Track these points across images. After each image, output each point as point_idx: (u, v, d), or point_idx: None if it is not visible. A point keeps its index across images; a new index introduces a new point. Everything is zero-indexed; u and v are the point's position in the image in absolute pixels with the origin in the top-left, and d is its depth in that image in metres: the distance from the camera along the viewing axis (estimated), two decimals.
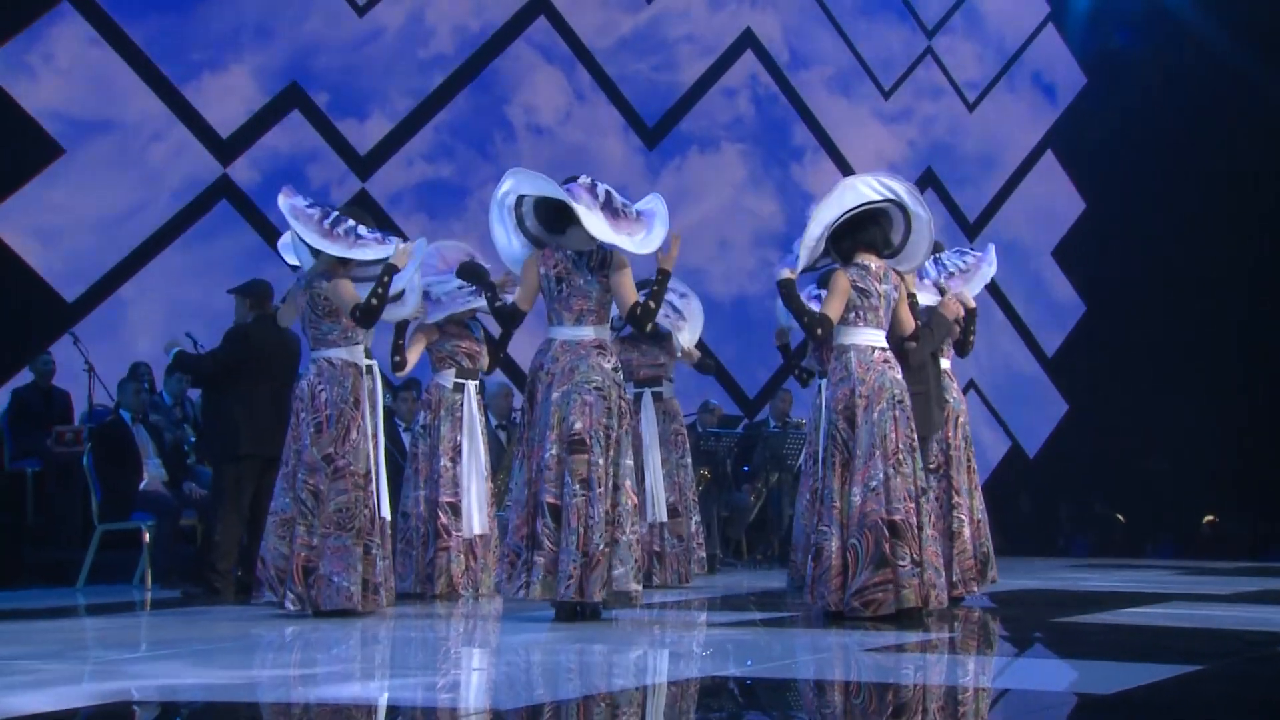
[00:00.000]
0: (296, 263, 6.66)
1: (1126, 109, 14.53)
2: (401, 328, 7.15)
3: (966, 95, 14.83)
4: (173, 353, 7.95)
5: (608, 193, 5.78)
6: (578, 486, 5.58)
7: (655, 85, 12.80)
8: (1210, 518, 8.47)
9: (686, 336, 8.22)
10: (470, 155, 11.86)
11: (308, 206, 6.19)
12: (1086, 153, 14.95)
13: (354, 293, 6.14)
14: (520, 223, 5.97)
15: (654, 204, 5.93)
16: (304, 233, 6.15)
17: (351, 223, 6.18)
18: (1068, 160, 15.09)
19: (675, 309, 8.18)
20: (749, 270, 13.12)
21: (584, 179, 5.82)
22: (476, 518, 7.13)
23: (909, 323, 6.04)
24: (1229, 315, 13.93)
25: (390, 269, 6.08)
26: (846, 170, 13.82)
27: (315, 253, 6.25)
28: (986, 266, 6.87)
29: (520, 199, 5.92)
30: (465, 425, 7.33)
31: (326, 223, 6.15)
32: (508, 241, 6.01)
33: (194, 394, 9.26)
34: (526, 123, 12.06)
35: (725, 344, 12.38)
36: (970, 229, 14.57)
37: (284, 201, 6.17)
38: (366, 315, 6.05)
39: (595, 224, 5.63)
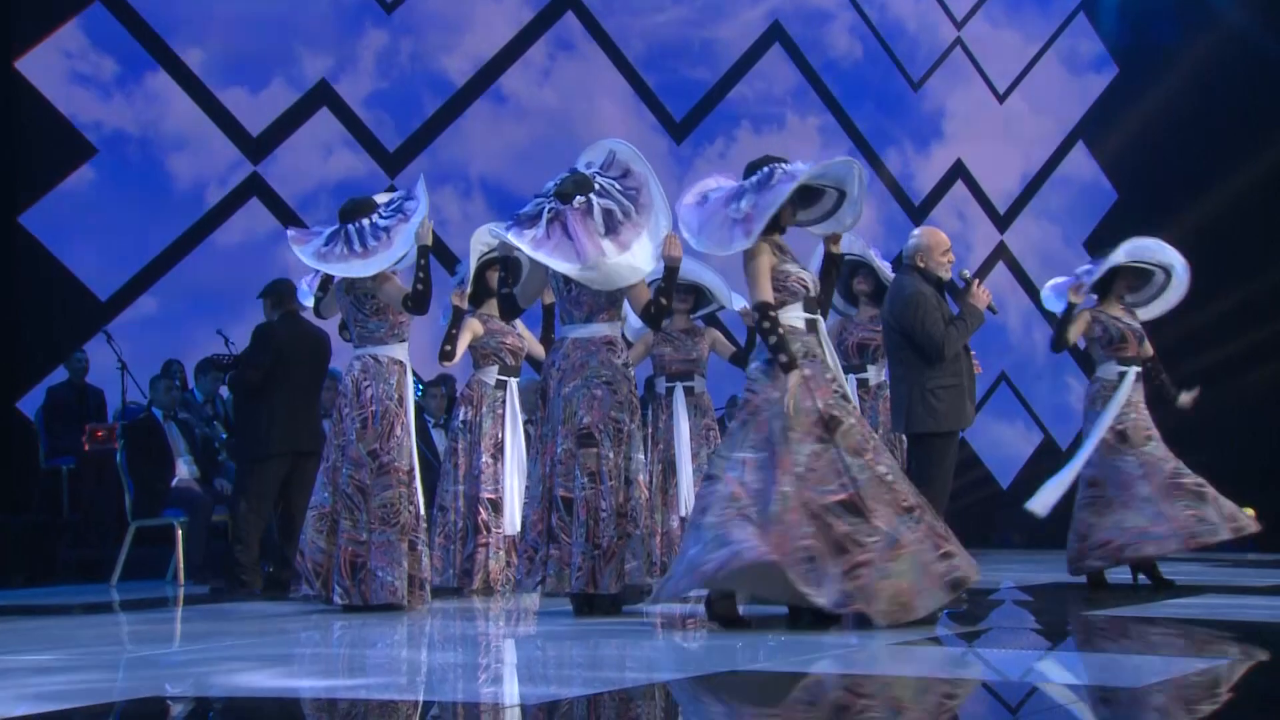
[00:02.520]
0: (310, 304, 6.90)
1: (1159, 99, 14.39)
2: (458, 317, 7.15)
3: (996, 86, 14.74)
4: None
5: (606, 212, 5.72)
6: (586, 480, 5.62)
7: (683, 79, 12.79)
8: (1250, 510, 8.43)
9: (722, 296, 8.04)
10: (498, 151, 11.87)
11: (323, 246, 6.22)
12: (1118, 143, 14.82)
13: (399, 285, 6.24)
14: None
15: (651, 193, 5.82)
16: (336, 269, 6.22)
17: (365, 223, 6.21)
18: (1099, 150, 14.98)
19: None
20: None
21: (579, 200, 5.74)
22: (518, 514, 7.15)
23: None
24: (1265, 306, 13.80)
25: (424, 250, 6.13)
26: (874, 162, 13.78)
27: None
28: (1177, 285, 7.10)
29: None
30: (508, 422, 7.35)
31: (355, 246, 6.18)
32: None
33: (225, 391, 9.33)
34: (551, 118, 12.07)
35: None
36: (1001, 220, 14.49)
37: (300, 251, 6.27)
38: (419, 302, 6.12)
39: (563, 266, 5.64)
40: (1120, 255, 7.03)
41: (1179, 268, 7.13)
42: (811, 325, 5.31)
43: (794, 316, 5.26)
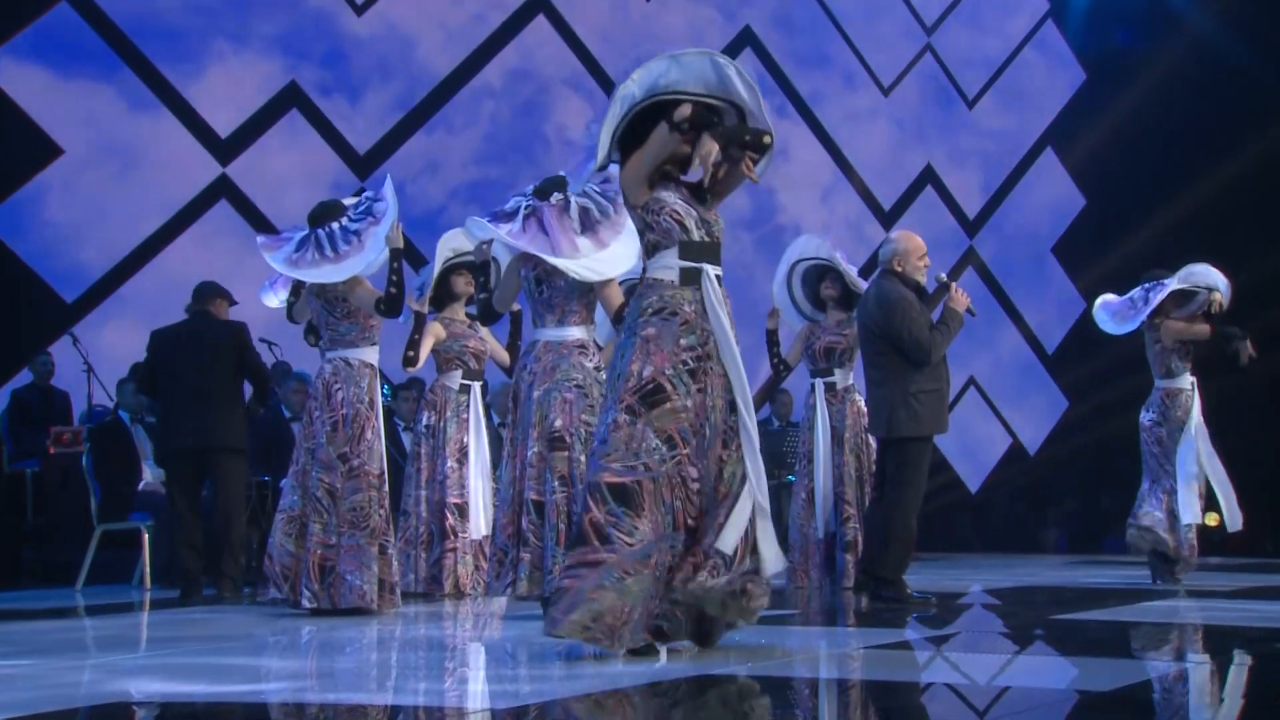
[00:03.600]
0: (278, 304, 6.83)
1: (1126, 105, 14.50)
2: (419, 322, 7.15)
3: (966, 92, 14.82)
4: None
5: (582, 209, 5.75)
6: (557, 483, 5.64)
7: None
8: (1214, 514, 8.54)
9: None
10: (469, 154, 11.85)
11: (294, 252, 6.20)
12: (1086, 149, 14.92)
13: (371, 288, 6.23)
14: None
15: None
16: (308, 276, 6.21)
17: (335, 226, 6.20)
18: (1068, 157, 15.08)
19: None
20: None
21: (557, 197, 5.81)
22: (483, 519, 7.14)
23: None
24: (1230, 312, 13.91)
25: (397, 254, 6.12)
26: (845, 167, 13.83)
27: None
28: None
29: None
30: (471, 426, 7.36)
31: (326, 251, 6.16)
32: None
33: None
34: (524, 122, 12.06)
35: None
36: (970, 226, 14.56)
37: (270, 258, 6.24)
38: (392, 305, 6.13)
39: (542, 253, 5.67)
40: (1176, 281, 7.83)
41: (1223, 287, 7.91)
42: (690, 276, 4.38)
43: (664, 265, 4.40)
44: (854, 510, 7.53)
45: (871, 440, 7.44)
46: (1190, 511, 7.66)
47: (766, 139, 4.38)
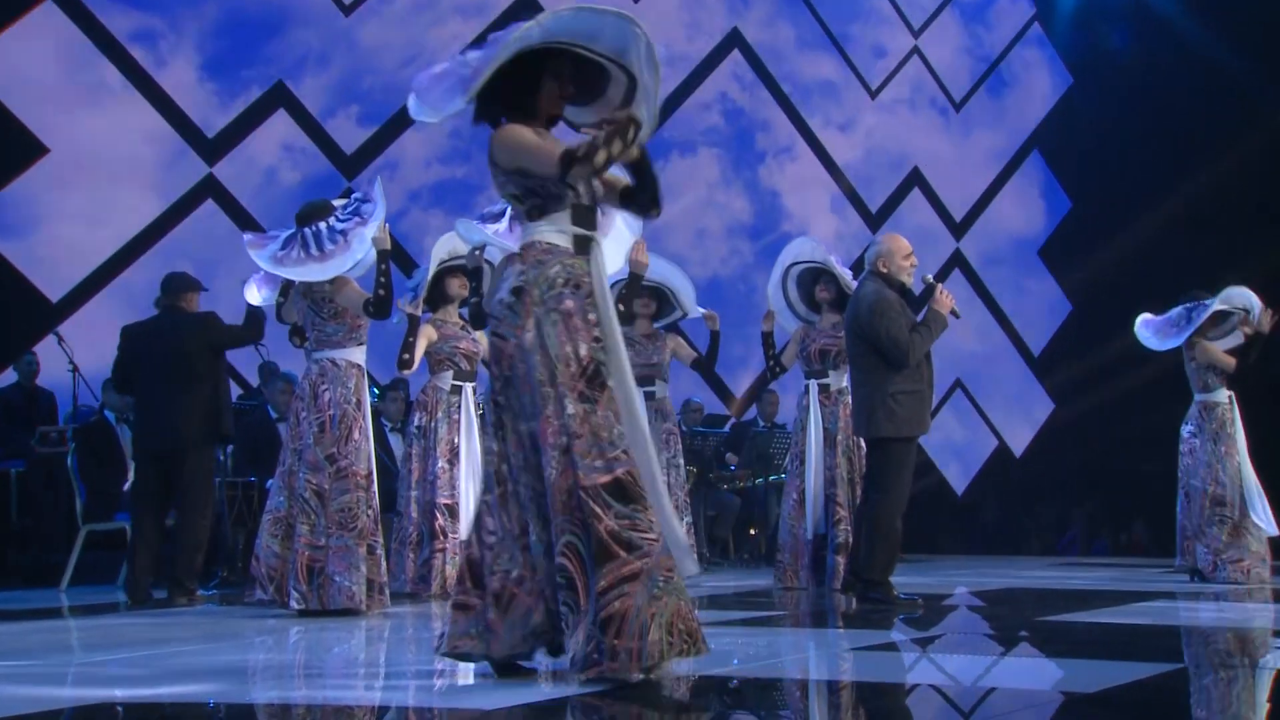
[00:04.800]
0: (260, 301, 6.80)
1: (1113, 108, 14.55)
2: (414, 324, 7.13)
3: (953, 94, 14.85)
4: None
5: None
6: None
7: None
8: None
9: (687, 302, 8.28)
10: (455, 154, 11.84)
11: (279, 250, 6.20)
12: (1073, 152, 14.98)
13: (359, 289, 6.23)
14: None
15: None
16: (293, 274, 6.20)
17: (322, 226, 6.20)
18: (1054, 159, 15.12)
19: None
20: (722, 256, 13.26)
21: None
22: None
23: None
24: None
25: (384, 255, 6.12)
26: (833, 169, 13.86)
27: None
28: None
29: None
30: (463, 427, 7.36)
31: (312, 250, 6.15)
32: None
33: None
34: None
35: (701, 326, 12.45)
36: (957, 228, 14.59)
37: (256, 255, 6.22)
38: (381, 307, 6.12)
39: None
40: (1217, 302, 8.26)
41: (1256, 309, 8.32)
42: (583, 245, 3.95)
43: (556, 229, 3.91)
44: (845, 512, 7.55)
45: (863, 442, 7.47)
46: (1268, 522, 8.24)
47: (634, 151, 3.95)
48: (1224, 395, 8.39)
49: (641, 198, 4.14)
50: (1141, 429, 13.74)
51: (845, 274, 7.79)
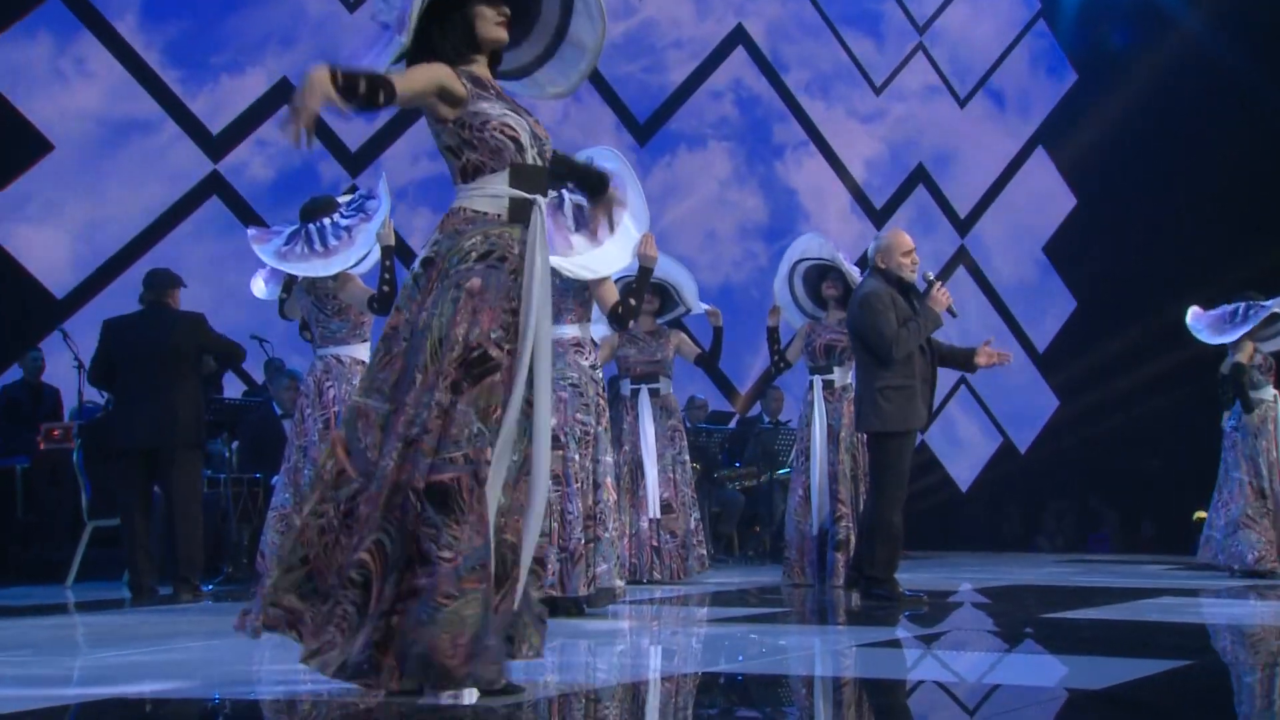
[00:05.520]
0: (264, 294, 6.79)
1: (1117, 105, 14.54)
2: None
3: (958, 91, 14.83)
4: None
5: (576, 206, 5.71)
6: (550, 483, 5.61)
7: (646, 85, 12.80)
8: (1201, 514, 8.66)
9: (690, 298, 8.24)
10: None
11: (283, 245, 6.20)
12: (1077, 149, 14.95)
13: (362, 285, 6.24)
14: None
15: (627, 192, 5.70)
16: (296, 269, 6.20)
17: (326, 222, 6.20)
18: (1059, 156, 15.10)
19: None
20: (734, 260, 13.17)
21: (550, 195, 5.77)
22: None
23: None
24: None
25: (388, 251, 6.12)
26: (838, 167, 13.85)
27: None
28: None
29: None
30: None
31: (316, 245, 6.15)
32: None
33: None
34: None
35: (727, 355, 12.42)
36: (961, 225, 14.58)
37: (260, 250, 6.23)
38: (385, 303, 6.11)
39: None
40: (1274, 304, 8.39)
41: None
42: (521, 210, 3.48)
43: (489, 193, 3.47)
44: (847, 509, 7.55)
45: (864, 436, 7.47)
46: None
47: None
48: (1269, 394, 8.55)
49: (585, 188, 4.01)
50: (1147, 425, 13.77)
51: (853, 271, 7.78)
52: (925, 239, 13.73)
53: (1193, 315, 8.83)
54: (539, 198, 3.48)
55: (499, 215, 3.44)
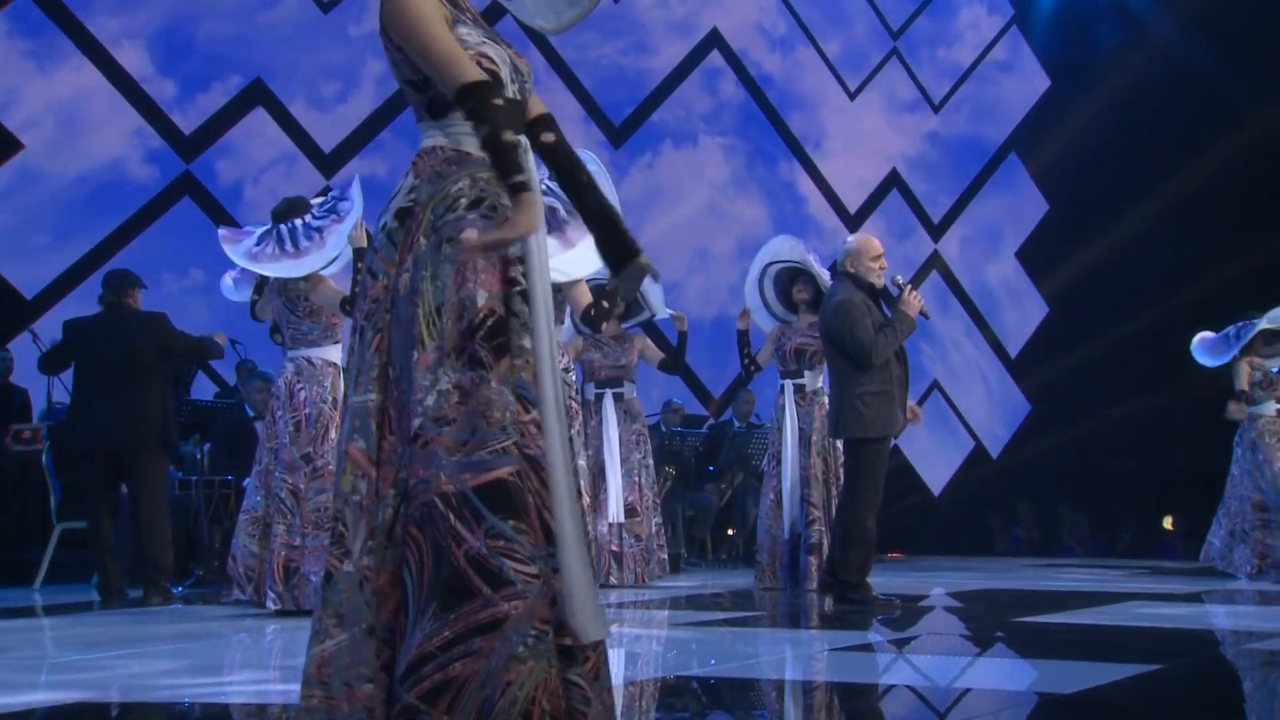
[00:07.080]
0: (241, 299, 6.76)
1: (1090, 111, 14.61)
2: None
3: (932, 96, 14.89)
4: None
5: (549, 209, 5.68)
6: None
7: (620, 85, 12.78)
8: (1170, 518, 8.75)
9: (656, 303, 8.17)
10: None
11: (254, 245, 6.18)
12: (1050, 154, 15.03)
13: (334, 287, 6.22)
14: None
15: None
16: (267, 269, 6.17)
17: (298, 223, 6.18)
18: (1032, 162, 15.18)
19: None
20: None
21: None
22: None
23: None
24: (1192, 316, 14.03)
25: (359, 253, 6.10)
26: (813, 171, 13.87)
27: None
28: None
29: None
30: None
31: (287, 246, 6.13)
32: None
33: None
34: None
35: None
36: (935, 230, 14.63)
37: (231, 250, 6.20)
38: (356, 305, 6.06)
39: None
40: (1265, 321, 8.68)
41: None
42: (503, 154, 2.67)
43: (467, 131, 2.74)
44: (819, 512, 7.57)
45: (839, 443, 7.49)
46: None
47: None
48: (1272, 409, 8.82)
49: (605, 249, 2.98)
50: (1118, 430, 13.84)
51: (823, 274, 7.80)
52: (899, 244, 13.79)
53: (1196, 341, 9.16)
54: (523, 139, 2.80)
55: (483, 158, 2.73)
